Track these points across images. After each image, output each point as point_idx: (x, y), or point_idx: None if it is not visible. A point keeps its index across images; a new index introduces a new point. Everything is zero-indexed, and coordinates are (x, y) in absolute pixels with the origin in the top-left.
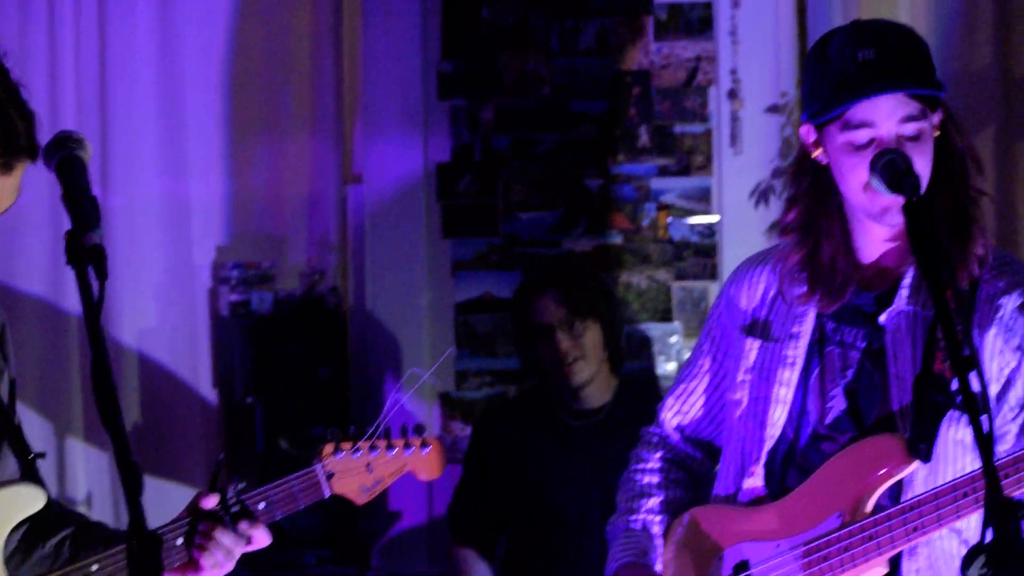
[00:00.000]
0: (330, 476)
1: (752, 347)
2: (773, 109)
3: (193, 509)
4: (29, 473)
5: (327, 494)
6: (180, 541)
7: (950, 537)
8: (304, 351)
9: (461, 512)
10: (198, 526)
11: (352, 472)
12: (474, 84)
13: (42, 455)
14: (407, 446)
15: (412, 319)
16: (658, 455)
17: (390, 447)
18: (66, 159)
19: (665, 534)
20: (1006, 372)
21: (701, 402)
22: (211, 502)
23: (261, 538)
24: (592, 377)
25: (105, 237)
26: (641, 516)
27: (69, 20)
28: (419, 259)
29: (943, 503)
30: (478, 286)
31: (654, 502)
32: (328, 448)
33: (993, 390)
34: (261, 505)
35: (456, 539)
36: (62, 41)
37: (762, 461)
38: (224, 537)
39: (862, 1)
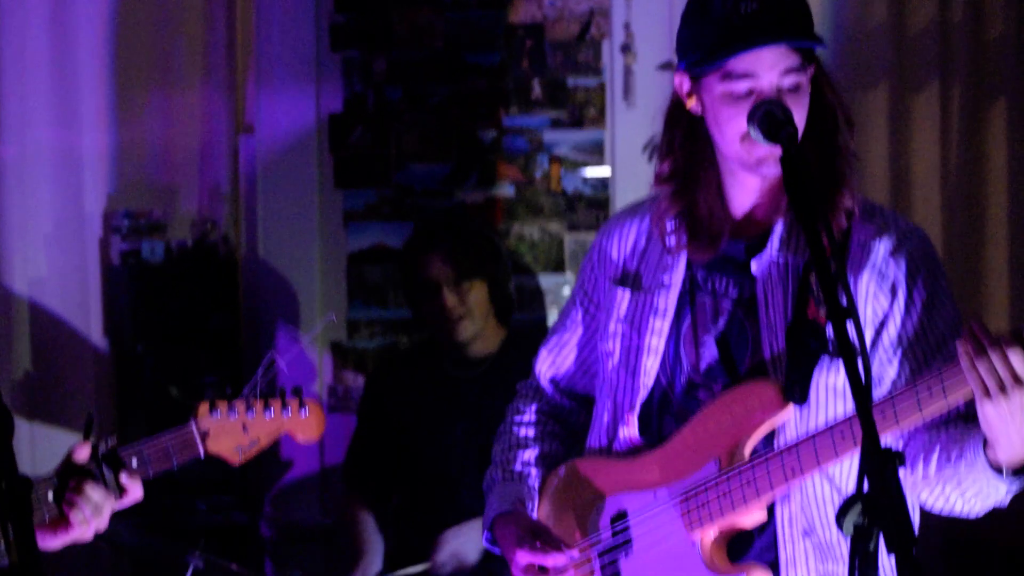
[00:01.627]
0: (205, 435)
1: (623, 297)
2: (667, 65)
3: (64, 464)
4: None
5: (202, 453)
6: (51, 496)
7: (823, 483)
8: (195, 300)
9: (355, 463)
10: (68, 481)
11: (227, 432)
12: (367, 36)
13: None
14: (284, 407)
15: (304, 269)
16: (533, 407)
17: (267, 408)
18: None
19: (541, 487)
20: (880, 315)
21: (574, 354)
22: (83, 455)
23: (133, 493)
24: (477, 334)
25: None
26: (517, 468)
27: None
28: (311, 209)
29: (821, 444)
30: (370, 236)
31: (530, 454)
32: (203, 407)
33: (868, 335)
34: (134, 461)
35: (349, 489)
36: None
37: (636, 410)
38: (94, 492)
39: None
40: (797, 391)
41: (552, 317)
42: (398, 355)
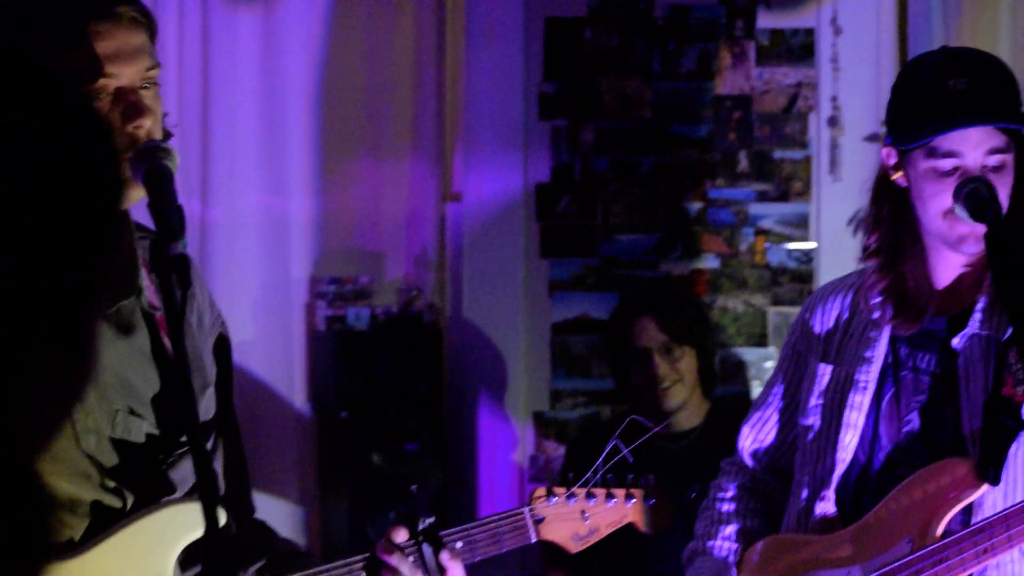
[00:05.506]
0: (539, 521)
1: (824, 372)
2: (873, 137)
3: (383, 544)
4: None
5: (533, 539)
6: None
7: (1021, 560)
8: (400, 367)
9: None
10: (384, 561)
11: (564, 519)
12: (575, 105)
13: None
14: (628, 497)
15: (508, 338)
16: (736, 484)
17: (610, 496)
18: (153, 169)
19: (739, 563)
20: None
21: (776, 430)
22: (401, 536)
23: (454, 574)
24: (685, 401)
25: (203, 250)
26: (717, 543)
27: (172, 37)
28: (516, 278)
29: (1013, 523)
30: (575, 307)
31: (730, 530)
32: (540, 491)
33: None
34: (459, 544)
35: (549, 561)
36: (165, 58)
37: (833, 485)
38: (412, 573)
39: (963, 30)
40: (991, 470)
41: (755, 391)
42: (600, 425)
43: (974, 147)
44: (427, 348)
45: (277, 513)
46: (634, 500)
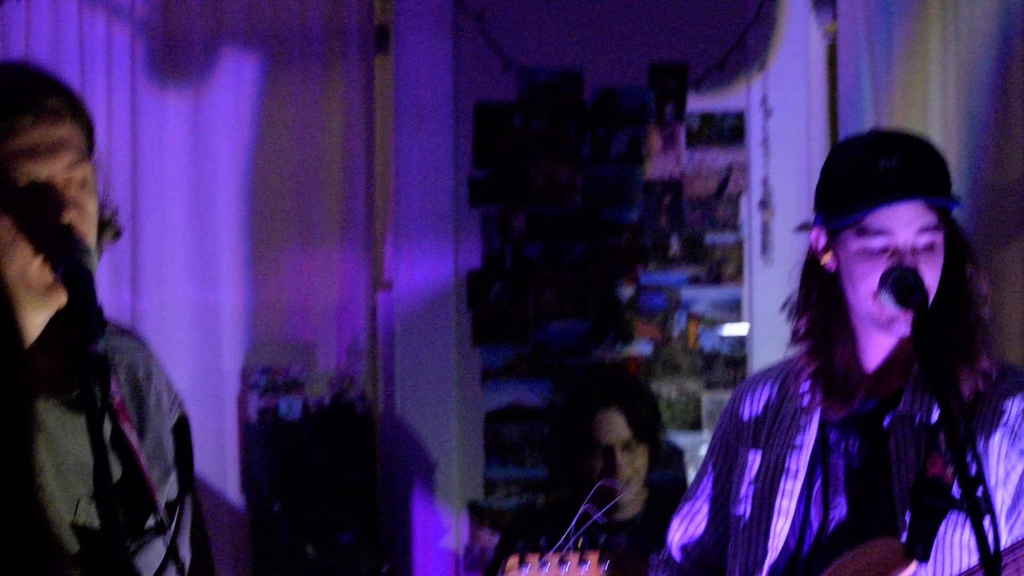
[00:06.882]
0: None
1: (755, 459)
2: (805, 226)
3: None
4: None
5: None
6: None
7: None
8: (332, 457)
9: None
10: None
11: None
12: (505, 191)
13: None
14: (601, 560)
15: (441, 427)
16: None
17: (582, 561)
18: (72, 267)
19: None
20: (1013, 477)
21: (706, 521)
22: None
23: None
24: (635, 496)
25: None
26: None
27: (101, 127)
28: (449, 366)
29: None
30: (508, 394)
31: None
32: (512, 560)
33: (1000, 495)
34: None
35: None
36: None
37: (764, 573)
38: None
39: (894, 112)
40: (919, 548)
41: (691, 476)
42: (536, 513)
43: (905, 225)
44: (360, 438)
45: None
46: (607, 565)
